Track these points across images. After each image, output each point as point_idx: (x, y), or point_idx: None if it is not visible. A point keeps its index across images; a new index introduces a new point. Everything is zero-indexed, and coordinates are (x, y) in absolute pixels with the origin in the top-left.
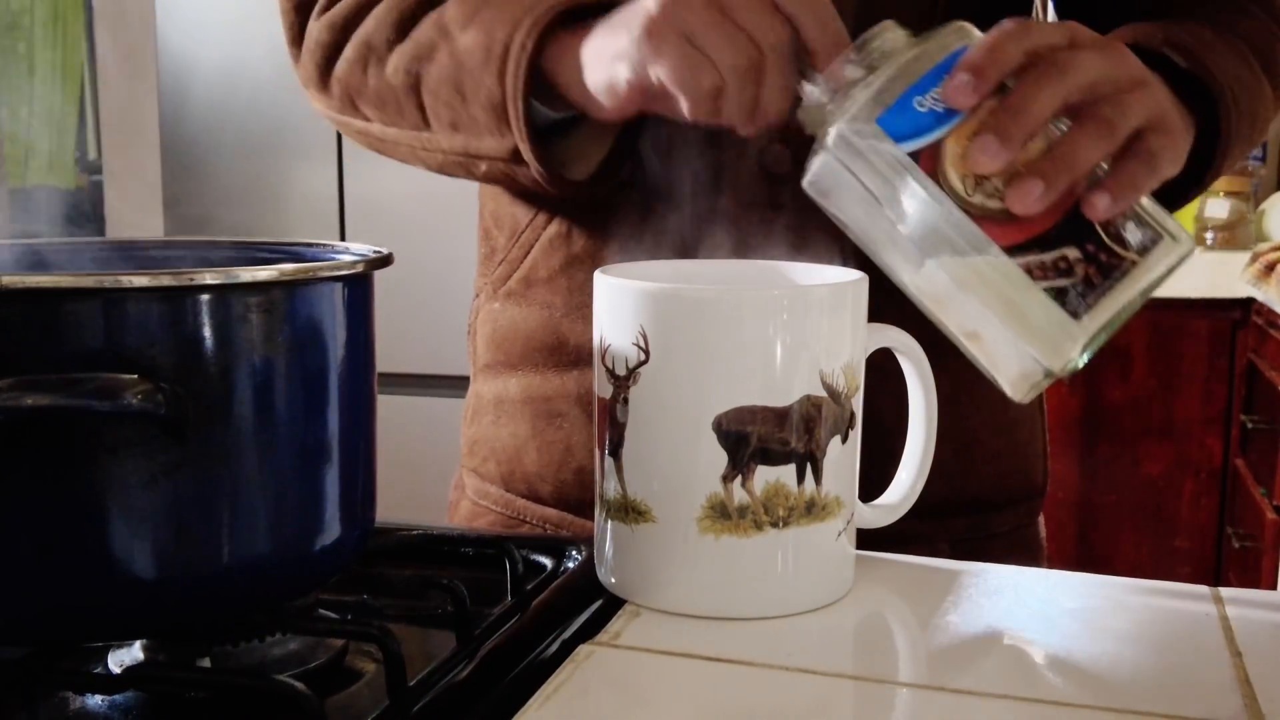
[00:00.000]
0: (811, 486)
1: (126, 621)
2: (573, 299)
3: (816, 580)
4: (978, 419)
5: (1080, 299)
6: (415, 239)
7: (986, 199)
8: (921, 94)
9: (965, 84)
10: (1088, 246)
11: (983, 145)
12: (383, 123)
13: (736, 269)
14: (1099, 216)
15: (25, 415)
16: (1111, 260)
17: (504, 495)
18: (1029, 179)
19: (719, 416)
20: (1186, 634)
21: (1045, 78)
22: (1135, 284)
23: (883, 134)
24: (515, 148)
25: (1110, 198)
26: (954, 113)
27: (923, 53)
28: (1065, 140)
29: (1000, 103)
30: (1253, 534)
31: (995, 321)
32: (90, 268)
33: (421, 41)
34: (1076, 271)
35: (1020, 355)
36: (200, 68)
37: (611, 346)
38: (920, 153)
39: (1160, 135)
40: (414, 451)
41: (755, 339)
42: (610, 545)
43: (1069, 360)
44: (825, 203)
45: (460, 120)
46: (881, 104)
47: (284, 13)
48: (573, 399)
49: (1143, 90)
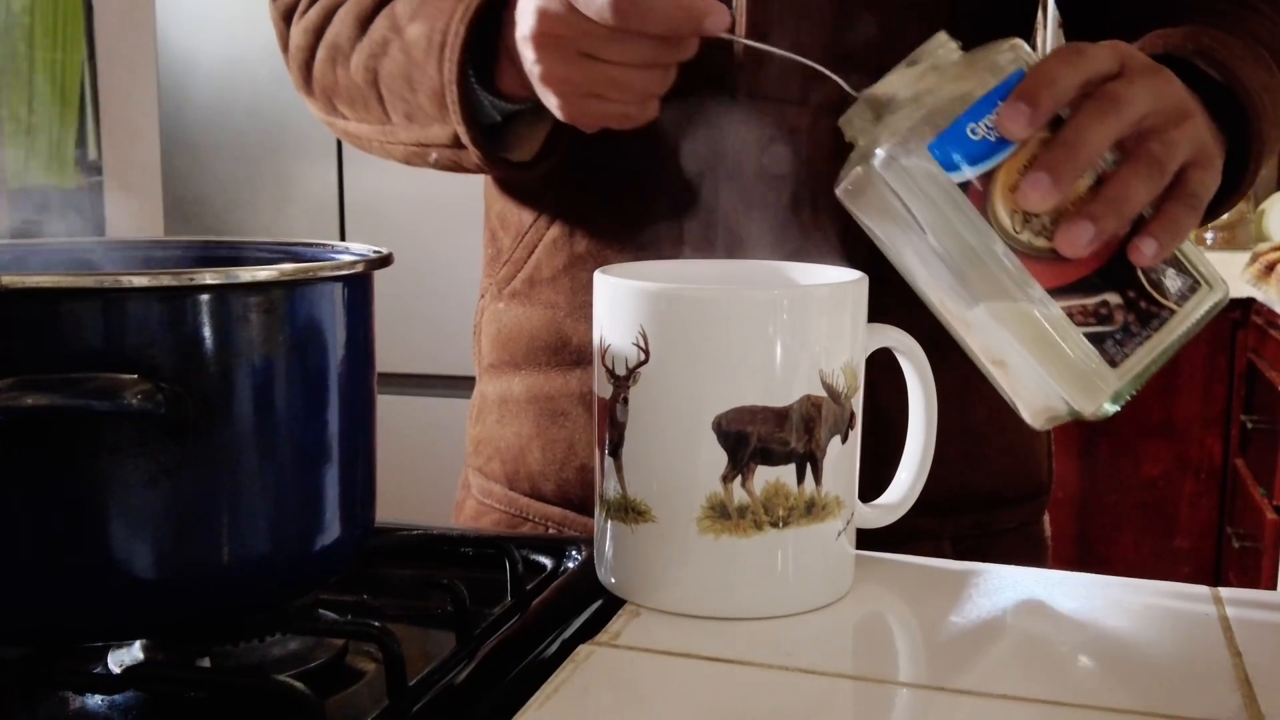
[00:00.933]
0: (811, 486)
1: (126, 621)
2: (575, 299)
3: (816, 580)
4: (983, 415)
5: (1118, 346)
6: (415, 239)
7: (1034, 237)
8: (975, 121)
9: (1022, 115)
10: (1129, 293)
11: (1035, 183)
12: (356, 120)
13: (737, 269)
14: (1145, 264)
15: (25, 415)
16: (1151, 308)
17: (508, 494)
18: (1079, 221)
19: (719, 416)
20: (1186, 634)
21: (1101, 114)
22: (1171, 333)
23: (934, 161)
24: (456, 133)
25: (1157, 244)
26: (1006, 143)
27: (977, 75)
28: (1116, 182)
29: (1053, 136)
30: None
31: (1028, 358)
32: (90, 268)
33: (375, 38)
34: (1116, 318)
35: (1048, 393)
36: (200, 68)
37: (611, 346)
38: (970, 183)
39: (1201, 170)
40: (414, 451)
41: (755, 339)
42: (610, 545)
43: (1100, 407)
44: (858, 213)
45: (412, 111)
46: (934, 129)
47: (274, 22)
48: (575, 398)
49: (1188, 123)
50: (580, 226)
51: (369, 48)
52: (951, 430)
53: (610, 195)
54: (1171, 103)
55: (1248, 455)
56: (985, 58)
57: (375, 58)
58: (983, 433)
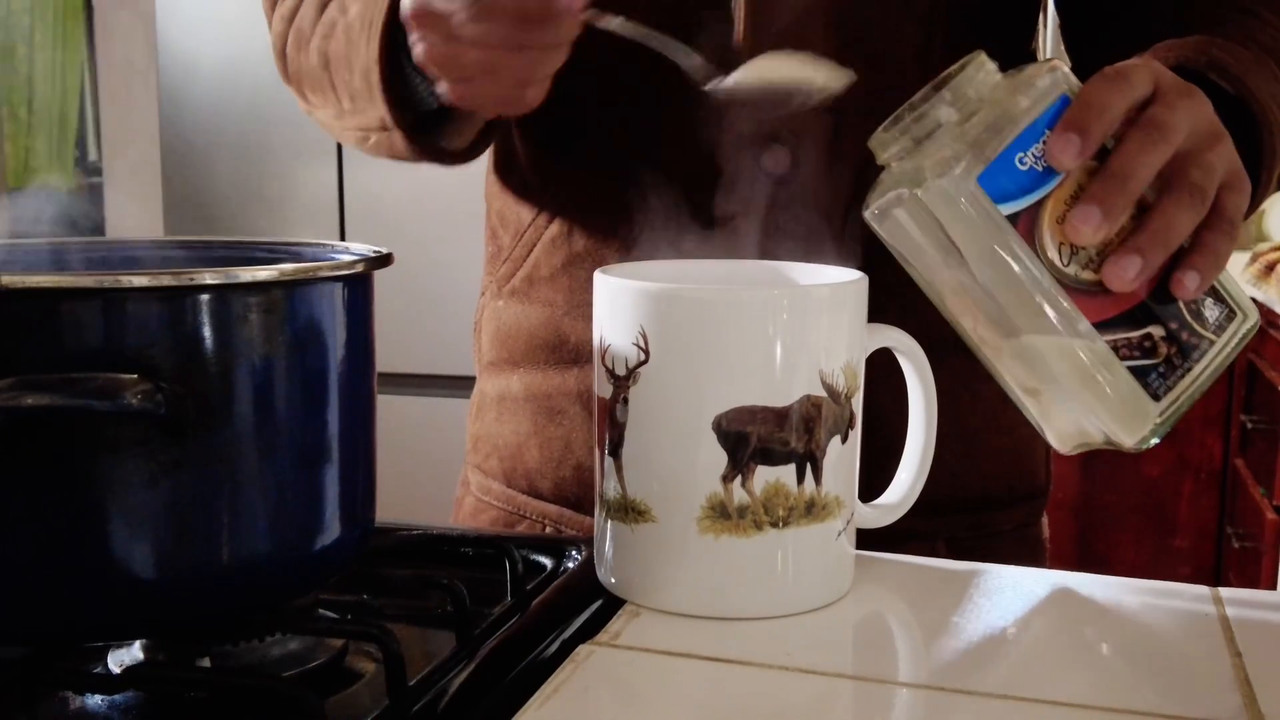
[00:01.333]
0: (811, 486)
1: (126, 621)
2: (573, 297)
3: (816, 580)
4: (979, 416)
5: (1161, 379)
6: (415, 239)
7: (1080, 269)
8: (1024, 150)
9: (1073, 145)
10: (1171, 325)
11: (1085, 216)
12: (320, 106)
13: (736, 269)
14: (1188, 296)
15: (25, 415)
16: (1192, 340)
17: (505, 491)
18: (1127, 255)
19: (719, 416)
20: (1186, 634)
21: (1147, 143)
22: (1210, 364)
23: (983, 193)
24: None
25: (1199, 276)
26: (1053, 173)
27: (1021, 101)
28: (1160, 213)
29: (1100, 166)
30: (1252, 534)
31: (1068, 391)
32: (90, 268)
33: (327, 20)
34: (1160, 351)
35: (1085, 423)
36: (200, 68)
37: (611, 346)
38: (1019, 215)
39: (1236, 194)
40: (414, 451)
41: (755, 339)
42: (610, 545)
43: (1142, 439)
44: (888, 237)
45: (354, 93)
46: (982, 160)
47: (264, 12)
48: (573, 396)
49: (1221, 145)
50: (579, 225)
51: (322, 29)
52: (946, 432)
53: (608, 194)
54: (1206, 125)
55: (1247, 455)
56: (1027, 81)
57: (326, 39)
58: (978, 434)
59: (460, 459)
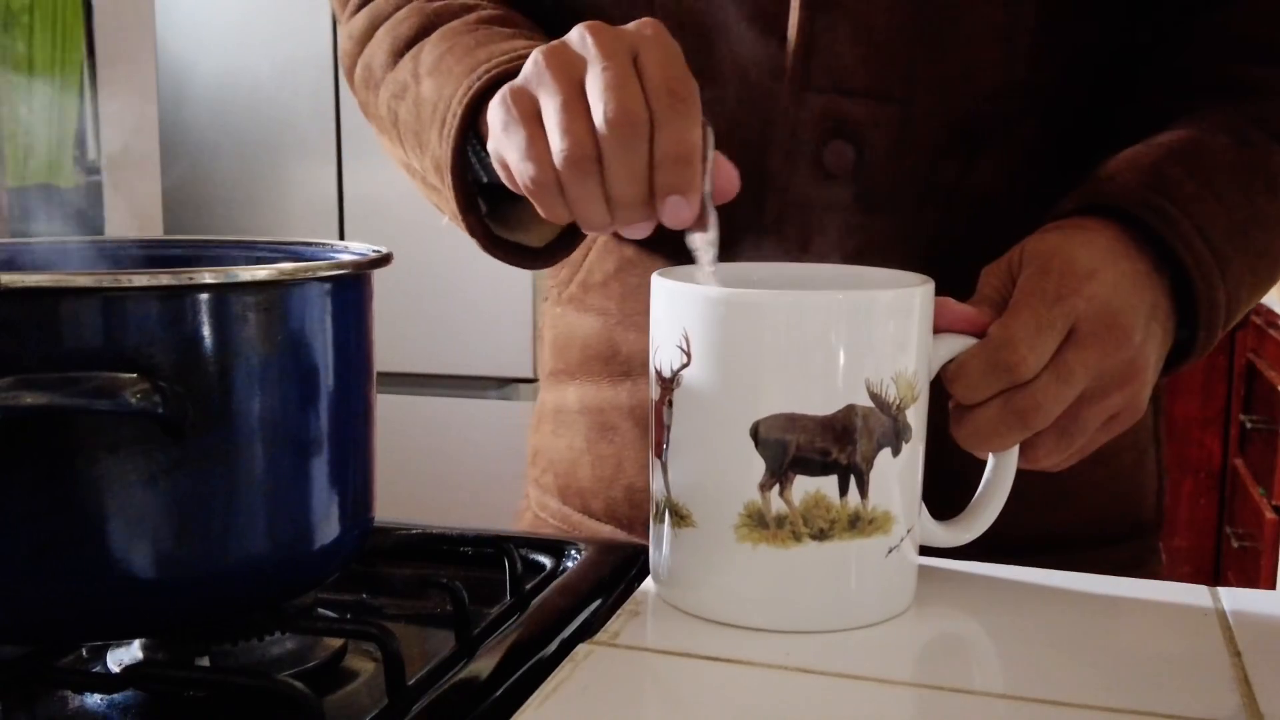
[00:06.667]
0: (856, 500)
1: (126, 621)
2: (625, 305)
3: (861, 598)
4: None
5: None
6: (415, 239)
7: None
8: None
9: None
10: None
11: None
12: (386, 140)
13: (797, 272)
14: None
15: (24, 414)
16: None
17: (561, 508)
18: None
19: (757, 422)
20: (1186, 634)
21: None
22: None
23: None
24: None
25: None
26: None
27: None
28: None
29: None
30: (1251, 534)
31: None
32: (90, 267)
33: (399, 78)
34: None
35: None
36: (200, 69)
37: (660, 348)
38: None
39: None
40: (414, 451)
41: (796, 345)
42: (658, 548)
43: None
44: None
45: (426, 171)
46: None
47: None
48: (624, 411)
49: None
50: None
51: (393, 86)
52: None
53: None
54: (1118, 365)
55: (1247, 455)
56: None
57: (397, 99)
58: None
59: (458, 458)
